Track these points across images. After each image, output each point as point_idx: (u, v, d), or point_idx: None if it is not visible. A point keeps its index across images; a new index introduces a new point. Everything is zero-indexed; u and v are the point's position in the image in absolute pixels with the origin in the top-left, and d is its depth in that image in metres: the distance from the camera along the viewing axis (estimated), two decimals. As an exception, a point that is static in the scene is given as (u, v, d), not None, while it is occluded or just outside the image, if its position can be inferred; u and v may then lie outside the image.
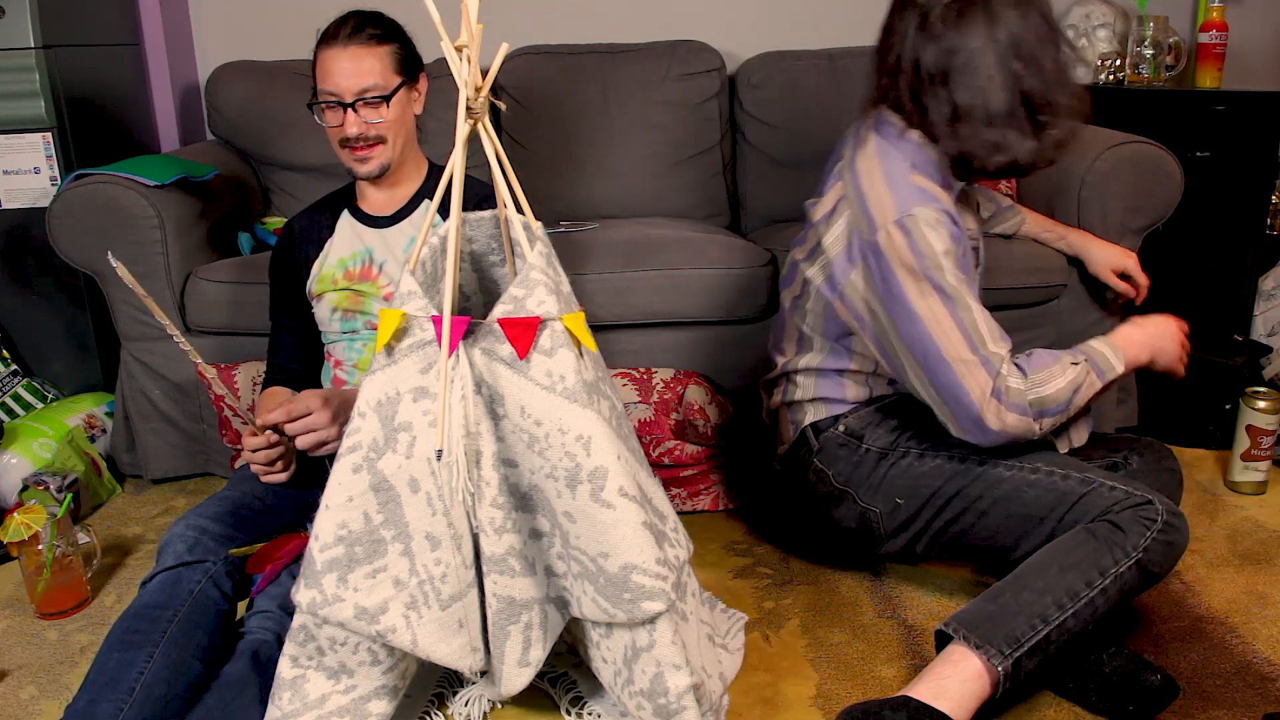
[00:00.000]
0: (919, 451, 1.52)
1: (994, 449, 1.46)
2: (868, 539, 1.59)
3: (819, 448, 1.59)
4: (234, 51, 2.64)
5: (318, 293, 1.64)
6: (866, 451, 1.55)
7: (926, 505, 1.51)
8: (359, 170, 1.58)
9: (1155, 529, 1.33)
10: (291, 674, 1.23)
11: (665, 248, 2.04)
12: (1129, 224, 2.05)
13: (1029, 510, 1.43)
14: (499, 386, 1.15)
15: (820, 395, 1.60)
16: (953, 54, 1.38)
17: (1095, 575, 1.31)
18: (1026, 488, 1.43)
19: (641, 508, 1.16)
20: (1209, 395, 2.14)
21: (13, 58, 2.10)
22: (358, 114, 1.53)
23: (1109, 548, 1.33)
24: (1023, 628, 1.29)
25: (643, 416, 1.93)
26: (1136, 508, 1.35)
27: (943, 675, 1.28)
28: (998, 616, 1.31)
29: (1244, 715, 1.33)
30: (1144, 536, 1.33)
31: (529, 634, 1.22)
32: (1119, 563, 1.32)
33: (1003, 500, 1.45)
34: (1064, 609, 1.30)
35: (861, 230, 1.43)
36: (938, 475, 1.49)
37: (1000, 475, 1.45)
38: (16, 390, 2.20)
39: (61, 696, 1.45)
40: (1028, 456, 1.46)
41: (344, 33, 1.52)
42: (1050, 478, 1.43)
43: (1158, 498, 1.36)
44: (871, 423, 1.57)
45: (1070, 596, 1.30)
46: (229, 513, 1.43)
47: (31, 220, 2.16)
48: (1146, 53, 2.44)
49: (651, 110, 2.49)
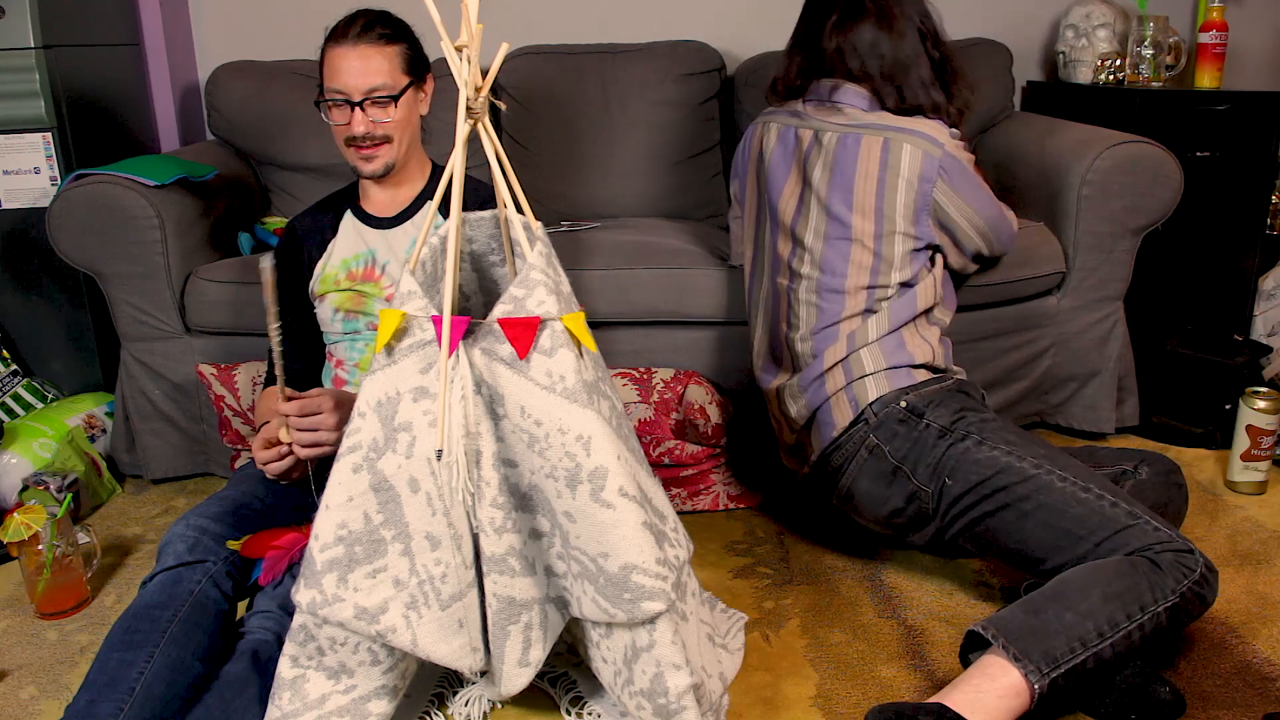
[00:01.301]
0: (978, 438, 1.52)
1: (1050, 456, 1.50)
2: (911, 521, 1.59)
3: (878, 423, 1.60)
4: (234, 51, 2.64)
5: (320, 293, 1.64)
6: (927, 428, 1.56)
7: (972, 492, 1.50)
8: (364, 169, 1.58)
9: (1193, 578, 1.33)
10: (291, 674, 1.23)
11: (666, 247, 2.04)
12: (1129, 224, 2.05)
13: (1070, 526, 1.42)
14: (499, 386, 1.15)
15: (889, 365, 1.62)
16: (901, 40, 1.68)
17: (1136, 609, 1.31)
18: (1075, 504, 1.43)
19: (641, 508, 1.17)
20: (1209, 395, 2.14)
21: (13, 58, 2.10)
22: (365, 113, 1.53)
23: (1150, 585, 1.32)
24: (1062, 649, 1.28)
25: (643, 416, 1.93)
26: (1178, 553, 1.35)
27: (979, 688, 1.26)
28: (1039, 631, 1.29)
29: (1244, 715, 1.33)
30: (1182, 582, 1.33)
31: (529, 634, 1.22)
32: (1158, 601, 1.31)
33: (1048, 508, 1.44)
34: (1104, 637, 1.29)
35: (930, 152, 1.63)
36: (991, 465, 1.49)
37: (1053, 483, 1.45)
38: (16, 390, 2.20)
39: (61, 696, 1.45)
40: (1083, 475, 1.46)
41: (353, 31, 1.52)
42: (1100, 500, 1.42)
43: (1198, 550, 1.37)
44: (934, 402, 1.58)
45: (1111, 625, 1.29)
46: (229, 513, 1.43)
47: (31, 220, 2.16)
48: (1146, 53, 2.44)
49: (651, 110, 2.49)
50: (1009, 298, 2.06)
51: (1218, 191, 2.24)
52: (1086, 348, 2.14)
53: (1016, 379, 2.14)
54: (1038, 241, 2.06)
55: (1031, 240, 2.05)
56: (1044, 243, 2.07)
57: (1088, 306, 2.11)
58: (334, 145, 1.61)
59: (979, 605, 1.61)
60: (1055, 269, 2.07)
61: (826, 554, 1.77)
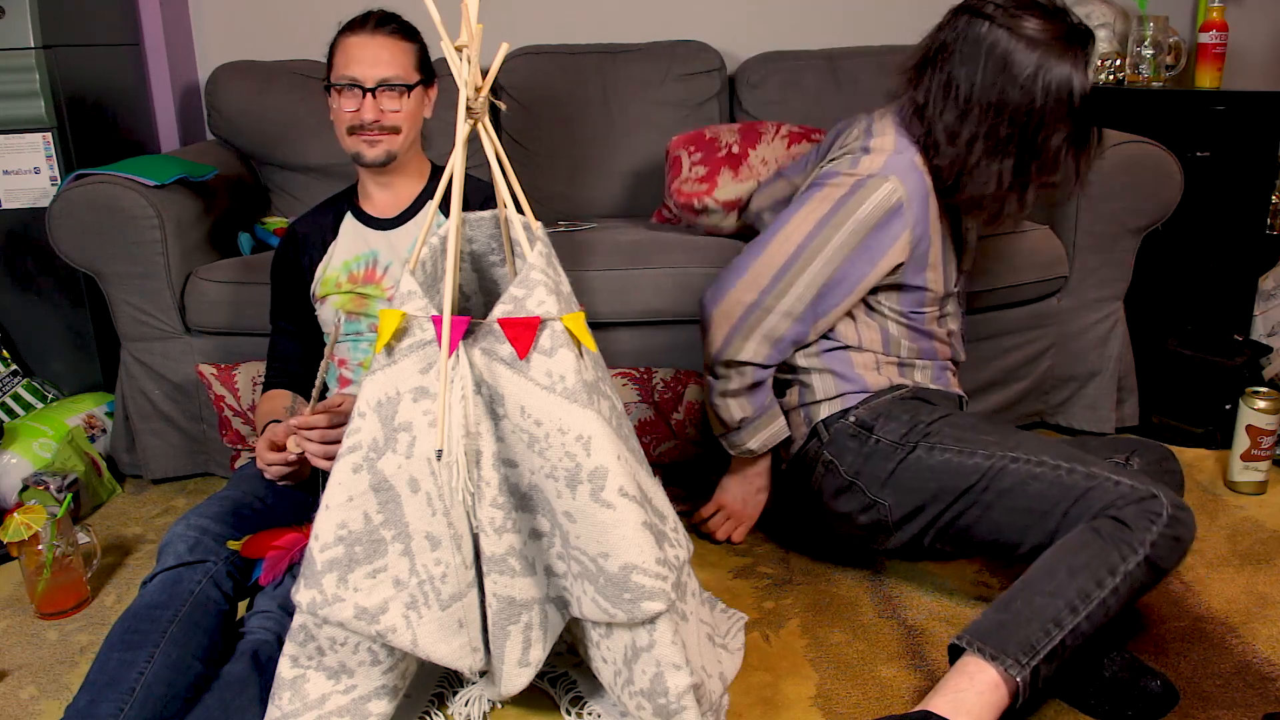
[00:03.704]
0: (929, 445, 1.52)
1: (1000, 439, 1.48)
2: (875, 531, 1.59)
3: (829, 439, 1.61)
4: (234, 51, 2.64)
5: (321, 295, 1.64)
6: (877, 443, 1.56)
7: (934, 499, 1.51)
8: (366, 154, 1.58)
9: (1161, 524, 1.32)
10: (291, 674, 1.23)
11: (666, 247, 2.04)
12: (1129, 224, 2.05)
13: (1033, 504, 1.42)
14: (499, 386, 1.15)
15: (836, 392, 1.62)
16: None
17: (1105, 575, 1.30)
18: (1031, 481, 1.43)
19: (641, 508, 1.16)
20: (1209, 395, 2.14)
21: (13, 58, 2.10)
22: (376, 100, 1.55)
23: (1116, 546, 1.31)
24: (1037, 634, 1.27)
25: (643, 416, 1.93)
26: (1141, 503, 1.34)
27: (959, 689, 1.26)
28: (1010, 625, 1.29)
29: (1244, 715, 1.33)
30: (1150, 532, 1.31)
31: (529, 634, 1.22)
32: (1127, 560, 1.30)
33: (1007, 493, 1.45)
34: (1077, 612, 1.28)
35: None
36: (944, 470, 1.50)
37: (1005, 468, 1.45)
38: (16, 390, 2.20)
39: (61, 696, 1.45)
40: (1035, 449, 1.46)
41: (371, 23, 1.57)
42: (1056, 471, 1.42)
43: (1163, 492, 1.35)
44: (882, 414, 1.58)
45: (1082, 599, 1.29)
46: (229, 513, 1.43)
47: (31, 220, 2.16)
48: (1146, 53, 2.44)
49: (651, 110, 2.49)
50: (1011, 301, 2.06)
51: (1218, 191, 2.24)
52: (1086, 348, 2.14)
53: (1017, 379, 2.14)
54: (1042, 246, 2.06)
55: (1036, 244, 2.05)
56: (1048, 247, 2.06)
57: (1088, 306, 2.11)
58: (334, 145, 1.62)
59: (979, 605, 1.61)
60: (1059, 273, 2.07)
61: (826, 554, 1.77)
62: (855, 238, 1.53)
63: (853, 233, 1.52)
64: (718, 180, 2.09)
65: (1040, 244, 2.06)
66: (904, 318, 1.62)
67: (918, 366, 1.66)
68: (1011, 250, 2.02)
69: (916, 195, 1.53)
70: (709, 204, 2.08)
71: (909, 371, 1.66)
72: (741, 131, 2.18)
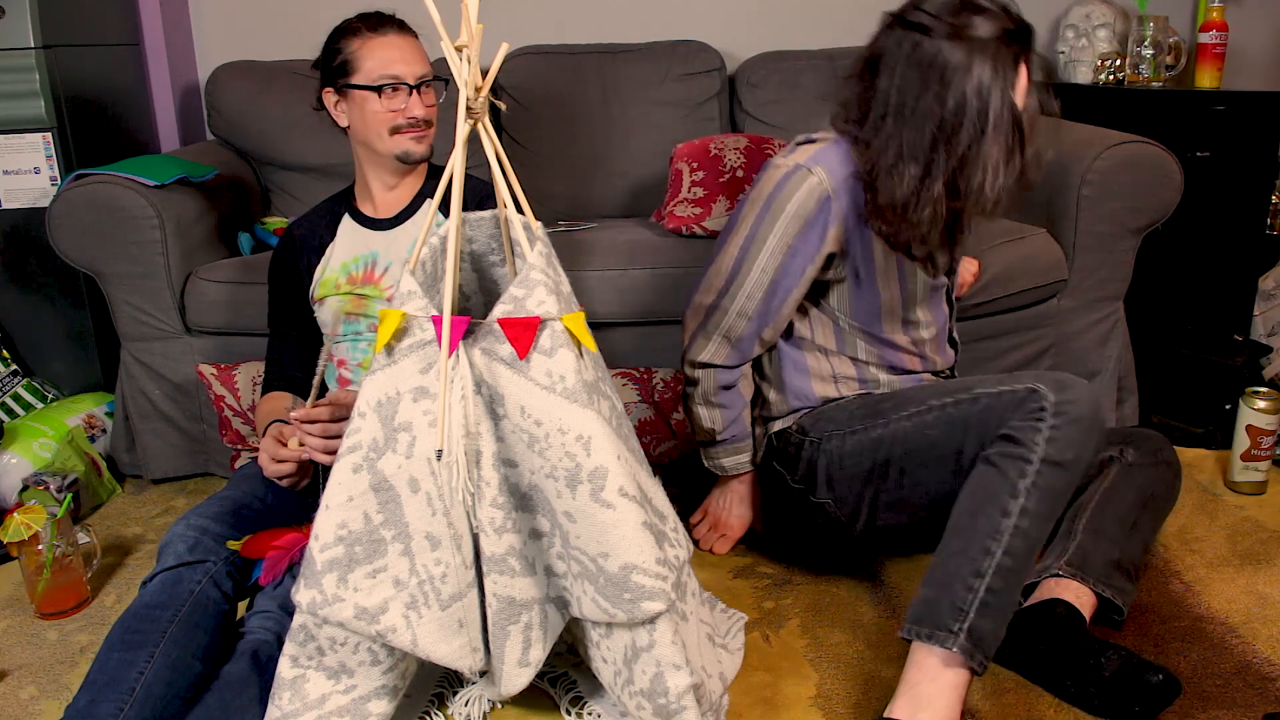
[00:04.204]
0: (842, 434, 1.53)
1: (896, 404, 1.49)
2: (840, 527, 1.61)
3: (779, 451, 1.64)
4: (234, 51, 2.64)
5: (320, 297, 1.63)
6: (808, 445, 1.58)
7: (864, 484, 1.52)
8: (415, 151, 1.60)
9: (1047, 421, 1.27)
10: (291, 674, 1.23)
11: (666, 247, 2.04)
12: (1129, 224, 2.05)
13: (938, 451, 1.41)
14: (499, 386, 1.15)
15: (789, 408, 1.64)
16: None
17: (1008, 501, 1.25)
18: (927, 429, 1.43)
19: (641, 508, 1.17)
20: (1209, 395, 2.14)
21: (13, 58, 2.10)
22: (421, 96, 1.57)
23: (1008, 466, 1.27)
24: (960, 593, 1.24)
25: (643, 416, 1.93)
26: (1022, 405, 1.29)
27: (914, 683, 1.25)
28: (936, 596, 1.26)
29: (1244, 715, 1.33)
30: (1038, 433, 1.26)
31: (529, 634, 1.22)
32: (1026, 475, 1.25)
33: (914, 451, 1.45)
34: (992, 553, 1.24)
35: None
36: (858, 453, 1.51)
37: (903, 429, 1.46)
38: (16, 390, 2.20)
39: (61, 696, 1.45)
40: (922, 398, 1.45)
41: (393, 24, 1.59)
42: (943, 410, 1.41)
43: (1042, 384, 1.29)
44: (821, 418, 1.59)
45: (993, 536, 1.24)
46: (229, 512, 1.43)
47: (31, 220, 2.16)
48: (1146, 53, 2.44)
49: (651, 110, 2.49)
50: (1010, 307, 2.06)
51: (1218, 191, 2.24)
52: (1086, 348, 2.14)
53: (1016, 379, 2.14)
54: (1040, 251, 2.05)
55: (1034, 250, 2.05)
56: (1047, 252, 2.06)
57: (1088, 307, 2.11)
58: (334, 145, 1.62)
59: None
60: (1058, 277, 2.06)
61: (826, 554, 1.77)
62: (790, 231, 1.50)
63: (786, 227, 1.50)
64: (712, 209, 2.13)
65: (1039, 249, 2.06)
66: (860, 327, 1.58)
67: (878, 369, 1.62)
68: (1009, 258, 2.01)
69: (845, 189, 1.48)
70: (698, 232, 2.12)
71: (868, 370, 1.62)
72: (747, 151, 2.17)
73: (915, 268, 1.55)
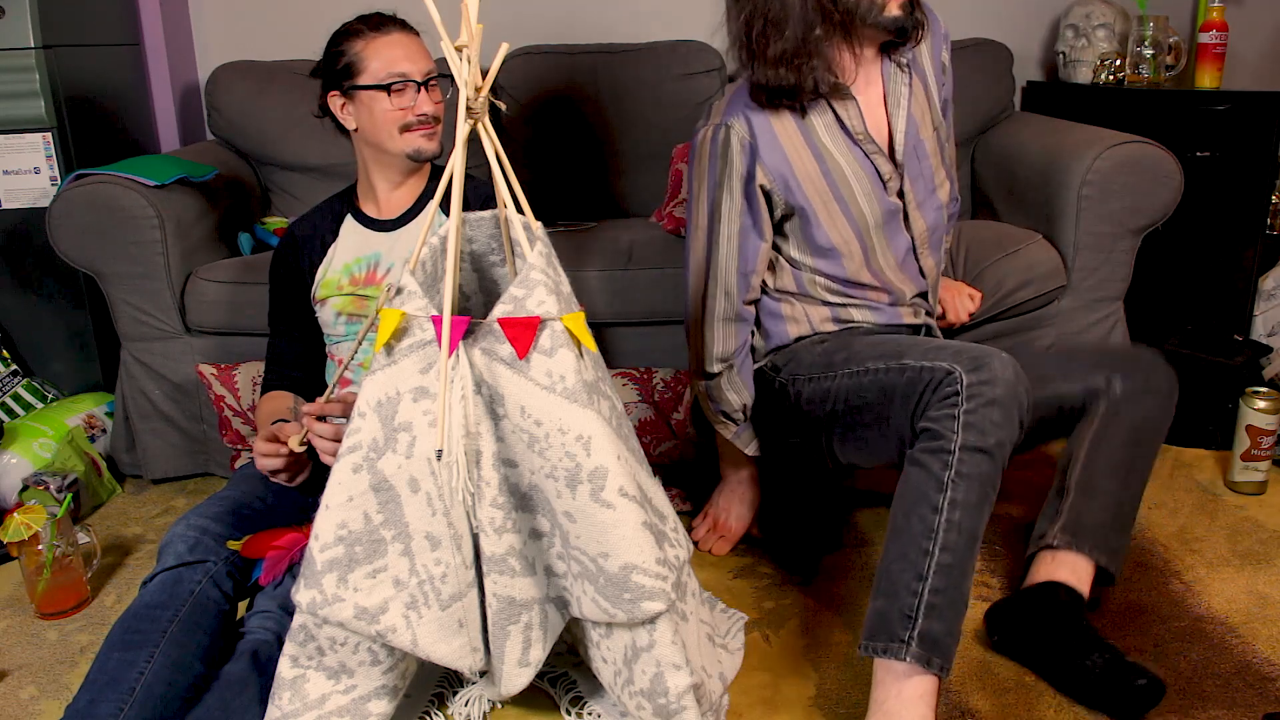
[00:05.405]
0: (802, 379, 1.56)
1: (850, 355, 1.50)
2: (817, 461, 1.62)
3: (759, 391, 1.67)
4: (234, 51, 2.64)
5: (321, 297, 1.63)
6: (778, 385, 1.61)
7: (823, 428, 1.53)
8: (426, 149, 1.60)
9: (962, 405, 1.24)
10: (291, 674, 1.23)
11: (666, 247, 2.04)
12: (1129, 224, 2.05)
13: (872, 413, 1.41)
14: (499, 386, 1.15)
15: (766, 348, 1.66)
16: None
17: (935, 496, 1.23)
18: (863, 391, 1.43)
19: (641, 508, 1.17)
20: (1209, 395, 2.14)
21: (13, 58, 2.10)
22: (430, 93, 1.58)
23: (931, 461, 1.25)
24: (906, 599, 1.22)
25: (643, 416, 1.93)
26: (938, 390, 1.27)
27: (882, 701, 1.23)
28: (884, 607, 1.25)
29: (1244, 715, 1.33)
30: (954, 420, 1.24)
31: (529, 634, 1.22)
32: (949, 465, 1.23)
33: (853, 410, 1.45)
34: (930, 552, 1.22)
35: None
36: (812, 399, 1.54)
37: (844, 386, 1.47)
38: (16, 390, 2.20)
39: (61, 696, 1.45)
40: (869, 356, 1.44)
41: (397, 23, 1.59)
42: (875, 376, 1.41)
43: (959, 364, 1.27)
44: (792, 359, 1.61)
45: (927, 535, 1.22)
46: (229, 512, 1.43)
47: (31, 220, 2.16)
48: (1146, 53, 2.44)
49: (651, 110, 2.49)
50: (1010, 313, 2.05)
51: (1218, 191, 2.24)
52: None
53: (1016, 379, 2.14)
54: (1039, 260, 2.03)
55: (1032, 259, 2.03)
56: (1045, 260, 2.04)
57: (1088, 306, 2.11)
58: (334, 145, 1.61)
59: (977, 605, 1.61)
60: (1057, 284, 2.05)
61: (827, 553, 1.77)
62: (736, 188, 1.53)
63: (731, 187, 1.53)
64: None
65: (1037, 258, 2.04)
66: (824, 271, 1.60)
67: (853, 306, 1.62)
68: (1008, 272, 2.00)
69: (762, 128, 1.51)
70: None
71: (843, 311, 1.62)
72: None
73: (857, 193, 1.54)
